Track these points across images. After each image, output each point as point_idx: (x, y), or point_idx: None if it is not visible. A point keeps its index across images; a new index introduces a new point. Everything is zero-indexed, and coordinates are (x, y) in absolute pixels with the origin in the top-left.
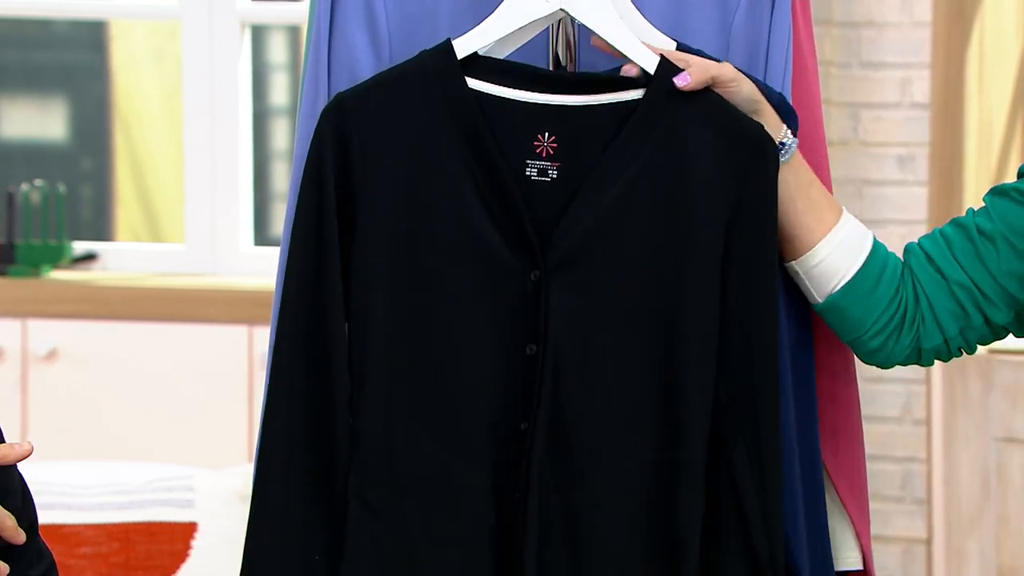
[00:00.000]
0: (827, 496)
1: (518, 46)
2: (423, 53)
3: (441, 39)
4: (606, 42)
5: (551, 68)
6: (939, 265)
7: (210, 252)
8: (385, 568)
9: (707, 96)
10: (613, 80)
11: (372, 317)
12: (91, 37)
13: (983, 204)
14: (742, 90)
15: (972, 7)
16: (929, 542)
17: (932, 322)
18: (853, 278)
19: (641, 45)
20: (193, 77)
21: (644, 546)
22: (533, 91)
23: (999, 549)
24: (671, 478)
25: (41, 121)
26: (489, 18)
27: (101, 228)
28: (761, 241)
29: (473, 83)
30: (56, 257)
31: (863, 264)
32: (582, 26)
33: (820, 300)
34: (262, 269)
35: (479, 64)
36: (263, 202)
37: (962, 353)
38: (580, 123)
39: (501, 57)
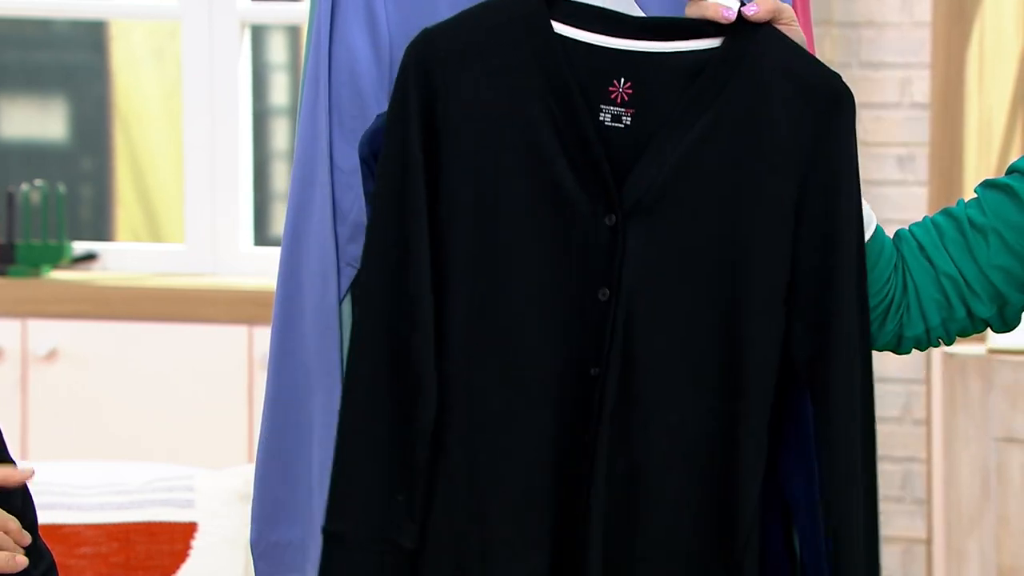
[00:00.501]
0: None
1: None
2: (512, 1)
3: None
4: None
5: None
6: (929, 254)
7: (210, 252)
8: (450, 506)
9: (784, 45)
10: (691, 26)
11: (451, 254)
12: (91, 37)
13: (975, 195)
14: (798, 32)
15: (972, 7)
16: (929, 542)
17: (917, 311)
18: None
19: None
20: (193, 77)
21: (703, 494)
22: (612, 36)
23: (999, 549)
24: (732, 428)
25: (41, 121)
26: None
27: (101, 228)
28: (838, 194)
29: (557, 26)
30: (56, 257)
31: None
32: None
33: None
34: (262, 269)
35: (561, 7)
36: (263, 202)
37: (940, 344)
38: (657, 70)
39: None
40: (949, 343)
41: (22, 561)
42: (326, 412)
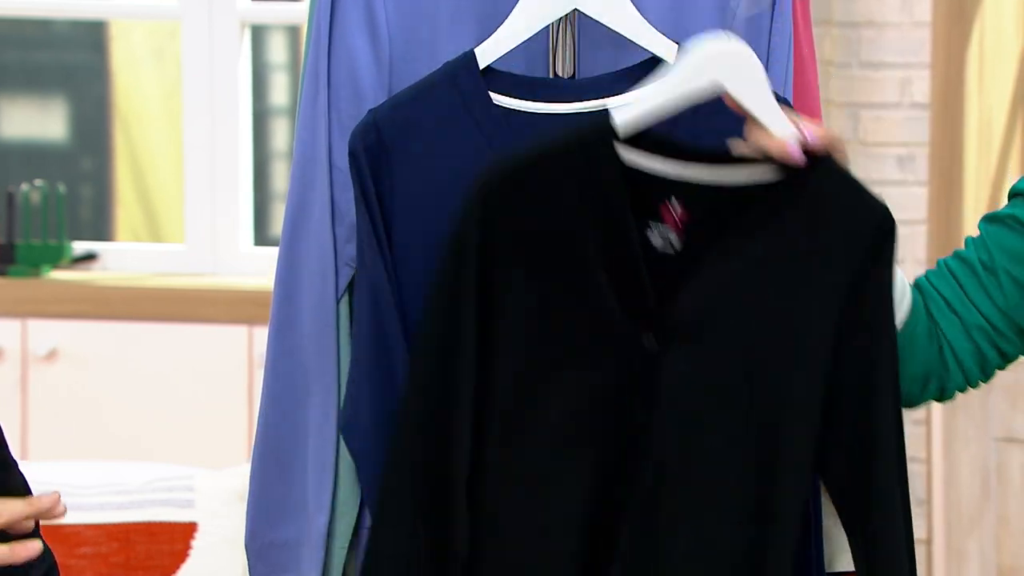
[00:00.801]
0: (822, 497)
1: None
2: (577, 128)
3: (441, 39)
4: (739, 105)
5: (551, 73)
6: (955, 308)
7: (210, 252)
8: None
9: (840, 178)
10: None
11: (496, 383)
12: (91, 37)
13: (979, 232)
14: (846, 158)
15: (972, 7)
16: (929, 542)
17: (956, 367)
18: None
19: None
20: (193, 77)
21: None
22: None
23: (999, 549)
24: (762, 553)
25: (41, 121)
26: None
27: (101, 228)
28: (880, 334)
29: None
30: (56, 257)
31: (902, 325)
32: (582, 31)
33: None
34: (262, 269)
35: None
36: (263, 202)
37: (980, 385)
38: (710, 196)
39: (500, 55)
40: (987, 381)
41: (37, 546)
42: (323, 412)
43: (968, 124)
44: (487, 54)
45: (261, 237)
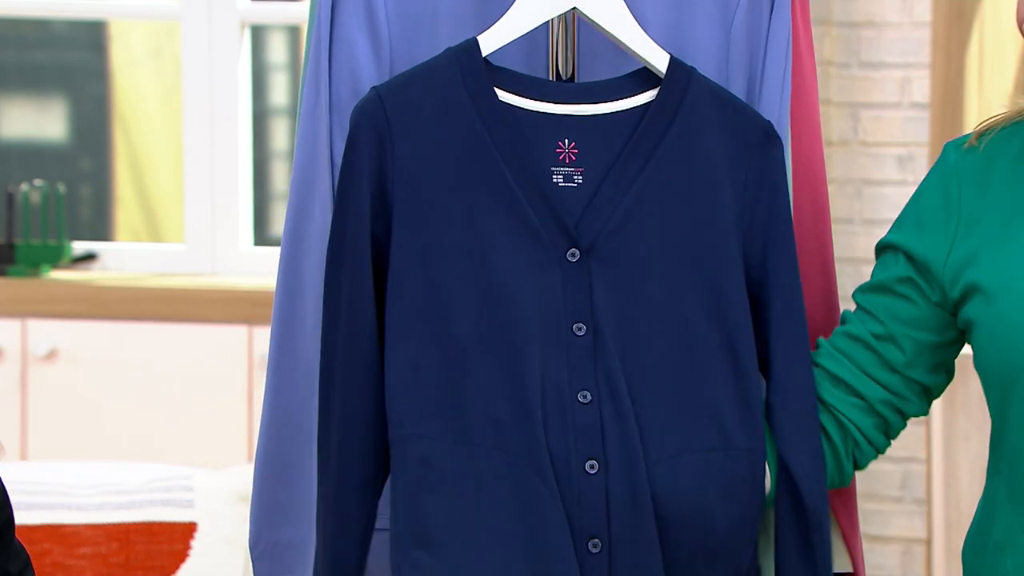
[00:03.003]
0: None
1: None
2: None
3: (442, 39)
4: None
5: (551, 73)
6: (856, 388)
7: (209, 252)
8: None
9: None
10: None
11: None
12: (90, 37)
13: (857, 305)
14: None
15: (972, 7)
16: (929, 542)
17: (866, 444)
18: None
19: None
20: (193, 77)
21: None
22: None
23: None
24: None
25: (40, 121)
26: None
27: (101, 228)
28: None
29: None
30: (56, 257)
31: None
32: (582, 29)
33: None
34: (262, 269)
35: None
36: (263, 202)
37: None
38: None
39: (497, 48)
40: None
41: None
42: None
43: (968, 124)
44: (489, 43)
45: (261, 237)
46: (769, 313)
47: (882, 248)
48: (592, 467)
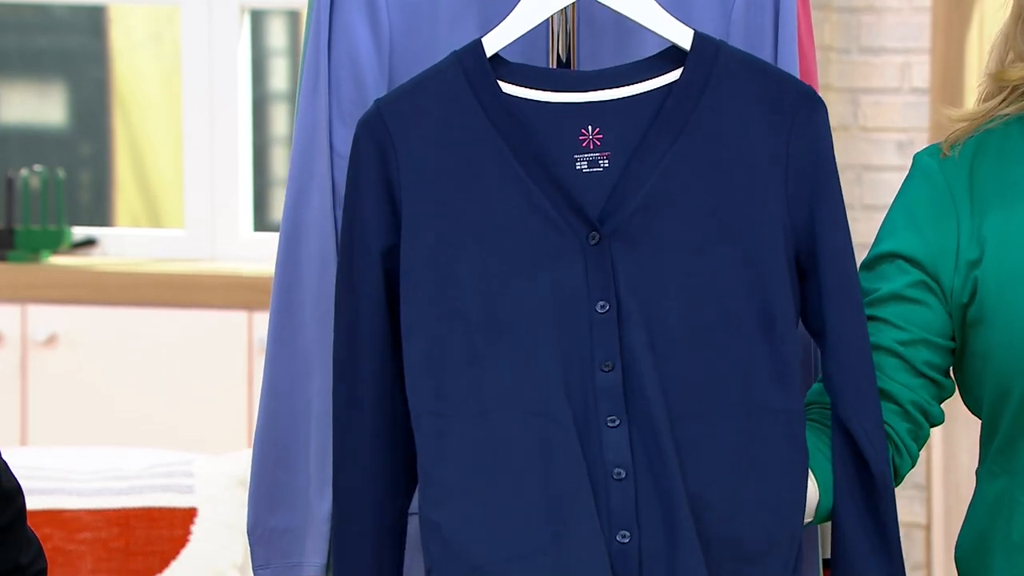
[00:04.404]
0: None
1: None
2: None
3: (442, 26)
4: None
5: (551, 60)
6: (890, 393)
7: (209, 238)
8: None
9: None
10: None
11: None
12: (90, 22)
13: (870, 318)
14: None
15: None
16: (928, 527)
17: (904, 451)
18: None
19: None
20: (192, 62)
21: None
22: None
23: None
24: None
25: (40, 106)
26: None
27: (100, 213)
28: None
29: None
30: (56, 242)
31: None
32: (582, 15)
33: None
34: (262, 255)
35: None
36: (262, 188)
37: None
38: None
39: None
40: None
41: None
42: (324, 398)
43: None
44: (494, 42)
45: (261, 222)
46: (821, 281)
47: (879, 259)
48: (613, 421)
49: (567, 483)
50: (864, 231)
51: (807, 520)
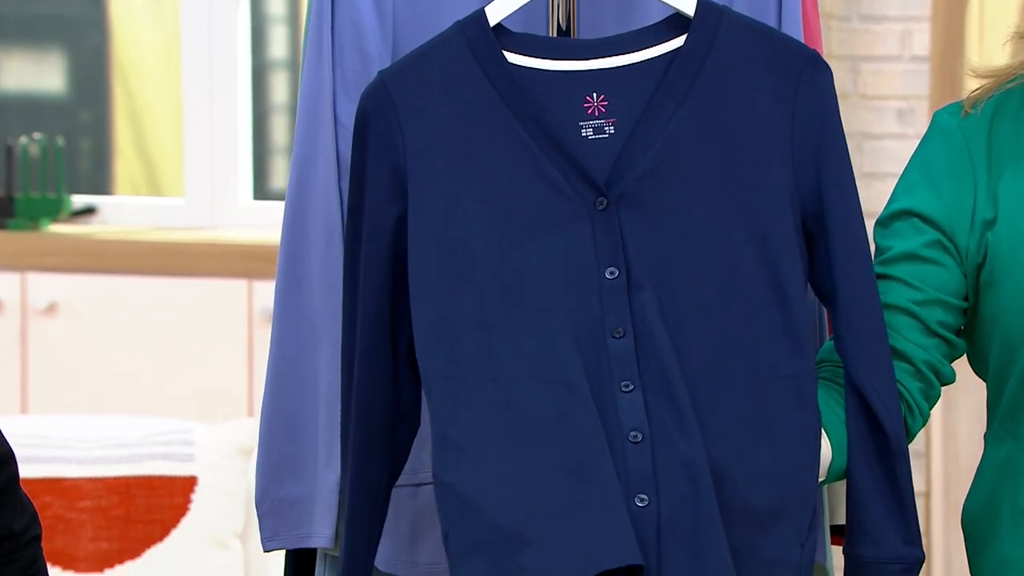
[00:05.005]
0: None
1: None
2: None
3: None
4: None
5: (551, 28)
6: (903, 353)
7: (209, 206)
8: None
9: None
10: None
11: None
12: None
13: (884, 277)
14: None
15: None
16: (928, 495)
17: (916, 410)
18: None
19: None
20: (192, 29)
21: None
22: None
23: None
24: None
25: (39, 73)
26: None
27: (100, 181)
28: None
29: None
30: (55, 210)
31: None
32: None
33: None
34: (262, 223)
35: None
36: (262, 156)
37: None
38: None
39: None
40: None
41: None
42: (332, 368)
43: (967, 77)
44: (497, 11)
45: (261, 191)
46: (830, 244)
47: (894, 216)
48: (627, 386)
49: (584, 445)
50: (865, 199)
51: (820, 479)
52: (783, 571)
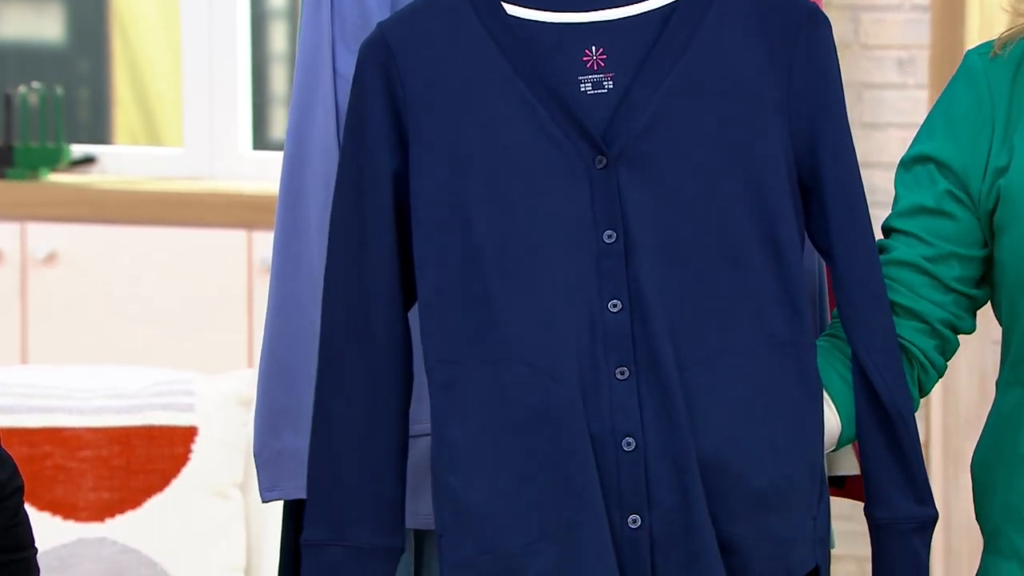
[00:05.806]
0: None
1: None
2: None
3: None
4: None
5: None
6: (917, 312)
7: (208, 156)
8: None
9: None
10: None
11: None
12: None
13: (895, 231)
14: None
15: None
16: (927, 445)
17: (930, 367)
18: None
19: None
20: None
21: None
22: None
23: None
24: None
25: (37, 22)
26: None
27: (99, 131)
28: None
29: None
30: (54, 160)
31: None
32: None
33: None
34: (261, 173)
35: None
36: (262, 105)
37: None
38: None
39: None
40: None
41: None
42: None
43: (969, 26)
44: None
45: (260, 141)
46: (826, 202)
47: (913, 161)
48: (623, 373)
49: (572, 459)
50: (864, 150)
51: (829, 449)
52: (798, 547)
